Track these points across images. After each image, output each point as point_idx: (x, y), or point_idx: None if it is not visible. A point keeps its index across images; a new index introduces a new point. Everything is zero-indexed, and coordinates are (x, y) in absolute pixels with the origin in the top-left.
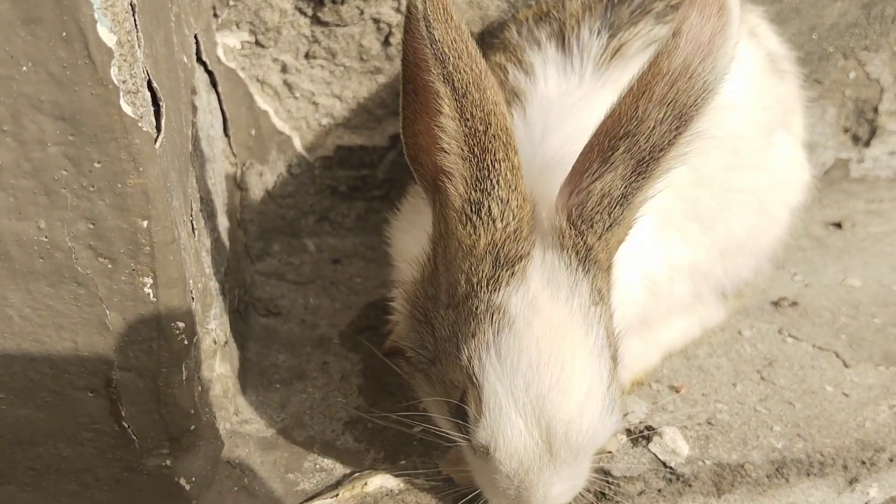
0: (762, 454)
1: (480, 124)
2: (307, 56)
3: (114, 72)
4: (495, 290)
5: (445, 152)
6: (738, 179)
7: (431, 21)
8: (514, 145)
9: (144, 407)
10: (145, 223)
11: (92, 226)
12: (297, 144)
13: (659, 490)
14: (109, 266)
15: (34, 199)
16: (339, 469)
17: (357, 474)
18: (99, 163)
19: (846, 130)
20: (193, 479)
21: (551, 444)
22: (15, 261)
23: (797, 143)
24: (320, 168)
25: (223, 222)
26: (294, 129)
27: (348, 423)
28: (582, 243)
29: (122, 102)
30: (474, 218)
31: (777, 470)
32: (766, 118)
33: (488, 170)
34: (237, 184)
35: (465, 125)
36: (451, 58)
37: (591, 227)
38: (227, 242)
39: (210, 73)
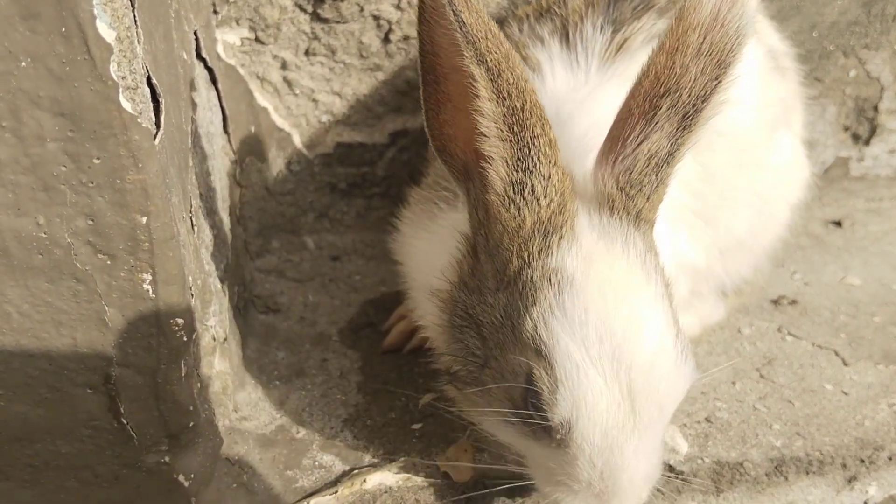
0: (761, 452)
1: (518, 101)
2: (307, 53)
3: (113, 68)
4: (547, 255)
5: (485, 136)
6: (739, 178)
7: (457, 5)
8: (548, 119)
9: (143, 404)
10: (144, 219)
11: (91, 222)
12: (297, 141)
13: (658, 488)
14: (108, 262)
15: (33, 195)
16: (339, 466)
17: (356, 471)
18: (98, 159)
19: (846, 129)
20: (192, 475)
21: (634, 399)
22: (14, 257)
23: (797, 141)
24: (320, 165)
25: (223, 219)
26: (294, 126)
27: (347, 420)
28: (633, 206)
29: (121, 98)
30: (518, 199)
31: (776, 468)
32: (769, 115)
33: (529, 147)
34: (237, 180)
35: (503, 104)
36: (481, 39)
37: (641, 190)
38: (226, 239)
39: (210, 70)
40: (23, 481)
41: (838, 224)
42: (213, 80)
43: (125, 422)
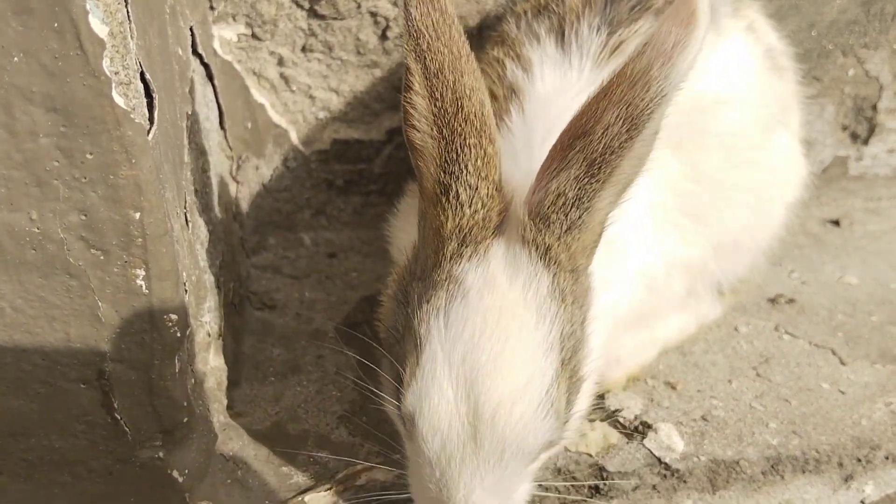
0: (757, 451)
1: (451, 106)
2: (304, 49)
3: (106, 63)
4: (457, 262)
5: (416, 129)
6: (735, 177)
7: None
8: (491, 134)
9: (137, 399)
10: (137, 215)
11: (84, 217)
12: (294, 138)
13: (654, 486)
14: (101, 258)
15: (26, 191)
16: (333, 462)
17: (351, 468)
18: (91, 154)
19: (845, 128)
20: (186, 471)
21: (476, 427)
22: (7, 252)
23: (795, 140)
24: (317, 162)
25: (218, 215)
26: (290, 122)
27: (342, 416)
28: (541, 241)
29: (114, 94)
30: (443, 200)
31: (772, 467)
32: (765, 115)
33: (457, 153)
34: (233, 177)
35: (435, 105)
36: (427, 36)
37: (549, 226)
38: (222, 236)
39: (206, 66)
40: (17, 476)
41: (836, 223)
42: (210, 77)
43: (119, 417)
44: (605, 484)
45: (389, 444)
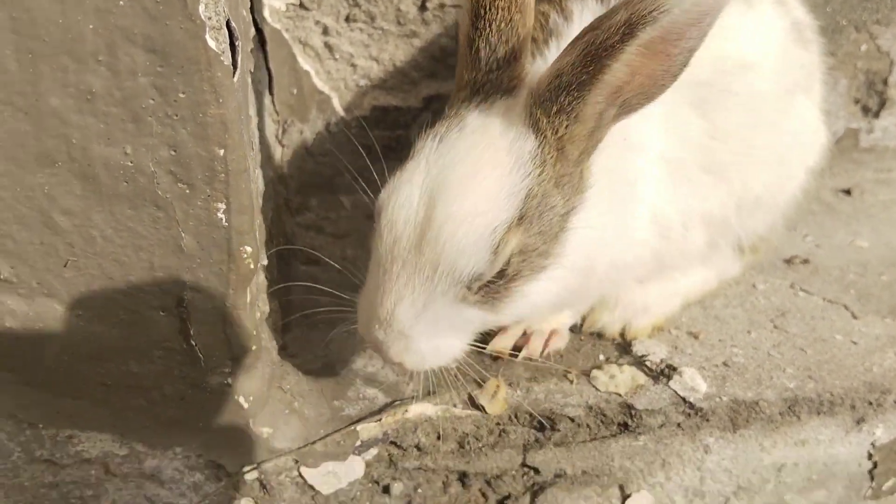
0: (775, 393)
1: None
2: (347, 19)
3: (201, 8)
4: (466, 106)
5: None
6: (756, 137)
7: None
8: (522, 6)
9: (211, 327)
10: (222, 151)
11: (174, 152)
12: (336, 104)
13: (678, 424)
14: (187, 191)
15: (123, 126)
16: (381, 398)
17: (398, 402)
18: (183, 93)
19: (857, 101)
20: (251, 397)
21: (424, 234)
22: (102, 184)
23: (816, 108)
24: (356, 127)
25: (268, 174)
26: (333, 89)
27: None
28: (536, 113)
29: (207, 37)
30: (467, 52)
31: (789, 408)
32: (788, 81)
33: (485, 10)
34: (279, 140)
35: None
36: None
37: (543, 103)
38: (271, 194)
39: (259, 31)
40: (95, 400)
41: (848, 192)
42: (262, 42)
43: (194, 343)
44: (632, 421)
45: (432, 383)
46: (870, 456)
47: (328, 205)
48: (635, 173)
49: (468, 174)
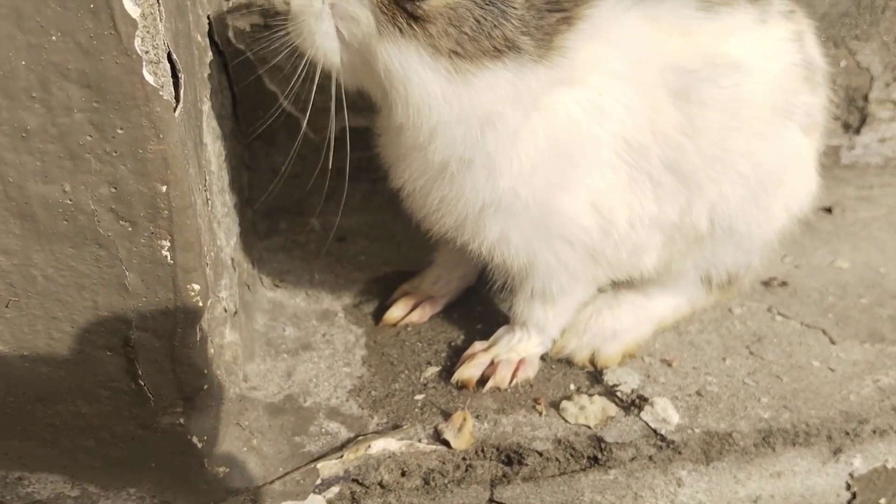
0: (750, 424)
1: None
2: None
3: (137, 42)
4: None
5: None
6: (735, 142)
7: None
8: None
9: (160, 366)
10: (164, 188)
11: (114, 190)
12: (304, 126)
13: (650, 457)
14: (130, 229)
15: (60, 163)
16: (344, 433)
17: (361, 437)
18: (122, 129)
19: (837, 118)
20: (205, 437)
21: None
22: (40, 222)
23: (812, 151)
24: (325, 150)
25: (232, 199)
26: (301, 110)
27: (352, 390)
28: None
29: (144, 72)
30: None
31: (764, 439)
32: (784, 103)
33: None
34: (245, 163)
35: None
36: None
37: None
38: (236, 218)
39: (221, 54)
40: (43, 441)
41: (829, 210)
42: (225, 65)
43: (142, 383)
44: (603, 454)
45: (397, 416)
46: (848, 487)
47: (297, 227)
48: (588, 141)
49: None
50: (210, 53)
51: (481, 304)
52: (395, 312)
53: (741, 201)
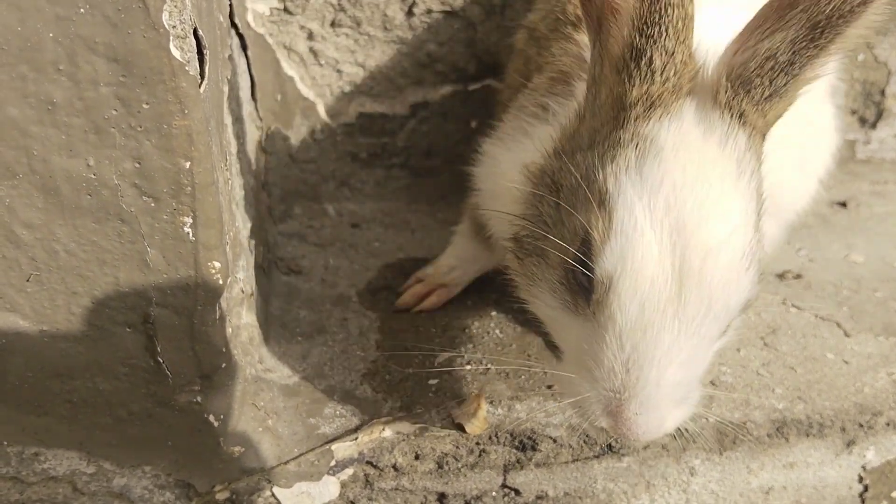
0: (763, 414)
1: None
2: (333, 24)
3: (165, 17)
4: (644, 123)
5: None
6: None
7: None
8: None
9: (179, 343)
10: (188, 164)
11: (138, 165)
12: (321, 111)
13: (663, 445)
14: (152, 205)
15: (85, 137)
16: (358, 416)
17: (375, 420)
18: (147, 104)
19: (853, 112)
20: (221, 416)
21: (682, 280)
22: (64, 197)
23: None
24: (342, 134)
25: (249, 181)
26: (318, 95)
27: (366, 374)
28: (737, 105)
29: (171, 46)
30: (632, 66)
31: (777, 429)
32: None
33: (659, 14)
34: (262, 147)
35: None
36: None
37: (749, 91)
38: (252, 202)
39: (241, 37)
40: (61, 417)
41: (843, 205)
42: (244, 48)
43: (161, 361)
44: (616, 442)
45: (411, 400)
46: (860, 479)
47: (312, 213)
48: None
49: (703, 198)
50: (231, 35)
51: (495, 292)
52: (408, 298)
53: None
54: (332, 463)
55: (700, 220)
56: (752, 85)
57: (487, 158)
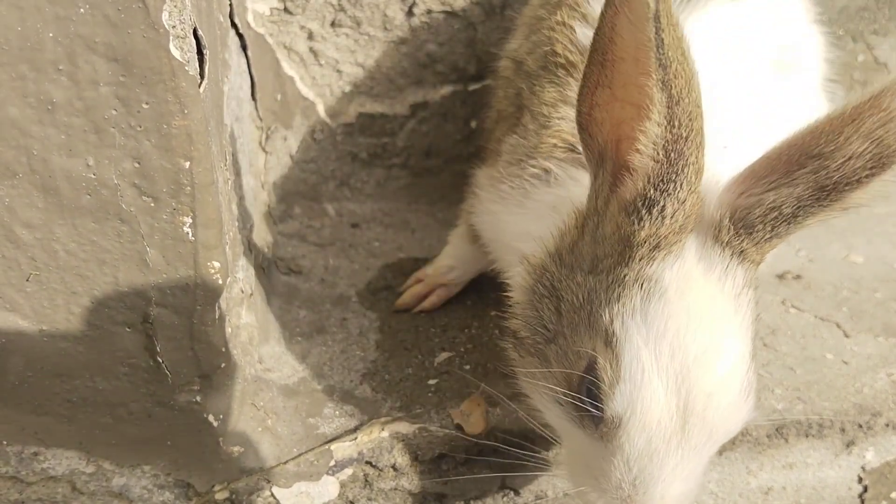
0: (763, 414)
1: (685, 131)
2: (333, 24)
3: (165, 17)
4: (649, 264)
5: (639, 153)
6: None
7: (662, 24)
8: (704, 146)
9: (179, 343)
10: (187, 164)
11: (137, 164)
12: (321, 110)
13: None
14: (152, 204)
15: (84, 137)
16: (358, 416)
17: (374, 420)
18: (147, 104)
19: None
20: (221, 416)
21: (686, 418)
22: (63, 196)
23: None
24: (342, 134)
25: (249, 181)
26: (318, 95)
27: (366, 374)
28: (737, 244)
29: (171, 46)
30: (643, 212)
31: (777, 430)
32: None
33: (677, 174)
34: (262, 147)
35: (671, 132)
36: (674, 62)
37: (751, 234)
38: (252, 202)
39: (241, 37)
40: (60, 416)
41: None
42: (244, 47)
43: (160, 360)
44: None
45: (410, 400)
46: (860, 480)
47: (312, 213)
48: None
49: (706, 344)
50: (231, 34)
51: (495, 291)
52: (408, 299)
53: None
54: (332, 463)
55: (703, 366)
56: (755, 229)
57: (488, 214)
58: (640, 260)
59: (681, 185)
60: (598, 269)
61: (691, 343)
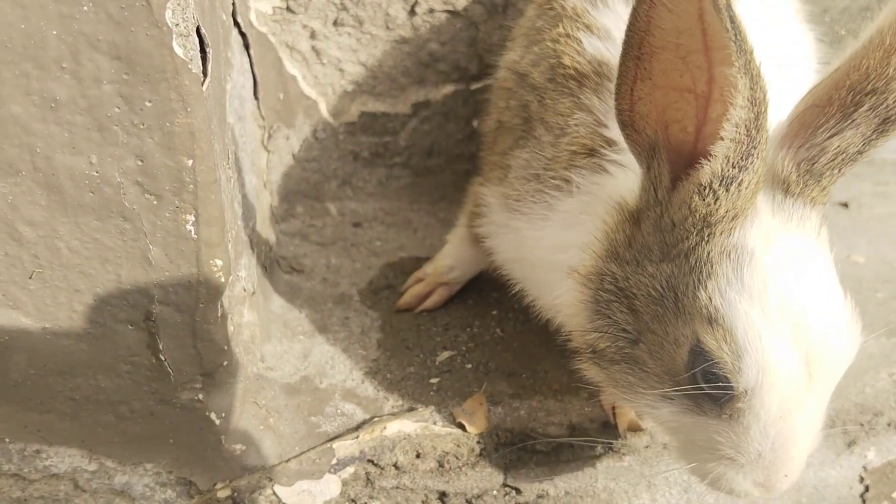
0: None
1: (762, 107)
2: (335, 23)
3: (168, 15)
4: (729, 235)
5: (721, 139)
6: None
7: (734, 11)
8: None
9: (181, 341)
10: (190, 162)
11: (140, 162)
12: (323, 109)
13: (664, 445)
14: (155, 202)
15: (87, 135)
16: (360, 414)
17: (376, 419)
18: (150, 102)
19: None
20: (223, 414)
21: (811, 365)
22: (66, 194)
23: None
24: (344, 133)
25: (251, 180)
26: (320, 94)
27: (368, 373)
28: (807, 193)
29: (174, 44)
30: (720, 191)
31: None
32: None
33: (755, 147)
34: (264, 146)
35: (752, 111)
36: (749, 45)
37: (819, 181)
38: (253, 201)
39: (243, 35)
40: (62, 414)
41: (845, 205)
42: (246, 46)
43: (163, 358)
44: (617, 441)
45: (413, 398)
46: (861, 479)
47: (314, 212)
48: None
49: (810, 289)
50: (234, 33)
51: (496, 290)
52: (409, 299)
53: None
54: (334, 461)
55: (812, 309)
56: (823, 175)
57: (508, 232)
58: (720, 234)
59: (757, 157)
60: (671, 256)
61: (796, 294)
